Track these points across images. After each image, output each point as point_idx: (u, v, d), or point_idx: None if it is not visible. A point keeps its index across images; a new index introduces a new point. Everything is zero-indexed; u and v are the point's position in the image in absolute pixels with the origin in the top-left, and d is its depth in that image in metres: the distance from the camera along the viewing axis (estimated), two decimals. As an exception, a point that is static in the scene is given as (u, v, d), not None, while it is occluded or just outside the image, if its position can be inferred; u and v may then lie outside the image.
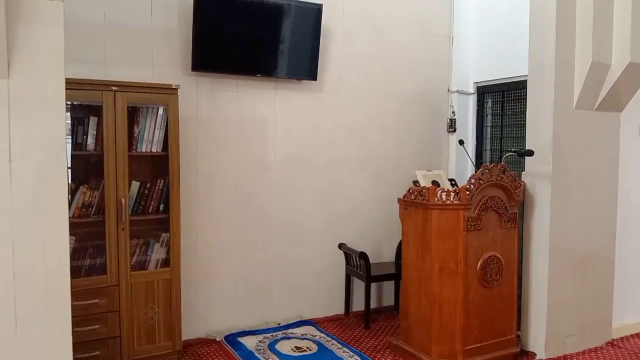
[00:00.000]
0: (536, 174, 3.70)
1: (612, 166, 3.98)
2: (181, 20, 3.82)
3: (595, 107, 3.78)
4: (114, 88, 3.22)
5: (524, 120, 4.04)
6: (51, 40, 1.89)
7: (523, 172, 3.81)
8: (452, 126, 4.93)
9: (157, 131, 3.45)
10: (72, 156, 3.25)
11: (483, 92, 4.92)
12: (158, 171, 3.52)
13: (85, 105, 3.28)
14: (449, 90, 4.98)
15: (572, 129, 3.70)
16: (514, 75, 4.50)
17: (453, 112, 4.94)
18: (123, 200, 3.28)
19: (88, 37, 3.54)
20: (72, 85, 2.83)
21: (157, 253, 3.52)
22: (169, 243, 3.47)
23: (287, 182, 4.35)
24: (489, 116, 4.89)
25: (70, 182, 3.22)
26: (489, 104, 4.90)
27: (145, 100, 3.36)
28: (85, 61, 3.52)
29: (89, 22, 3.54)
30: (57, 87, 1.90)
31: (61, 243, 1.87)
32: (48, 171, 1.90)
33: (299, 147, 4.38)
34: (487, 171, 3.41)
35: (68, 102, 3.05)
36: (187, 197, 3.87)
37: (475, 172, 3.54)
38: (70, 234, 2.17)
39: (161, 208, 3.50)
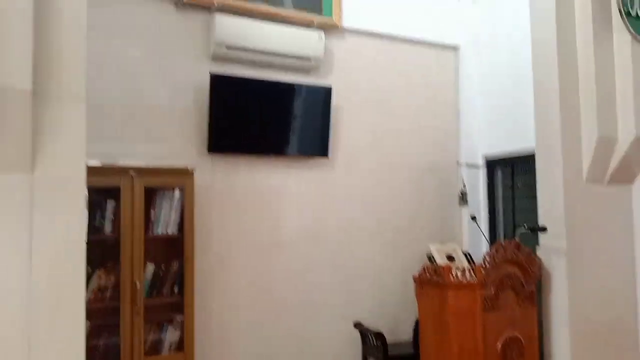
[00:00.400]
0: (551, 249, 3.66)
1: (628, 237, 3.93)
2: (197, 99, 3.98)
3: (606, 180, 3.79)
4: (132, 173, 3.31)
5: (535, 193, 4.05)
6: (74, 139, 1.95)
7: (538, 247, 3.77)
8: (463, 199, 4.95)
9: (172, 213, 3.50)
10: (89, 240, 3.27)
11: (492, 164, 4.96)
12: (173, 253, 3.54)
13: (103, 189, 3.36)
14: (458, 163, 5.04)
15: (584, 202, 3.69)
16: (522, 148, 4.55)
17: (464, 185, 4.97)
18: (138, 283, 3.29)
19: (107, 115, 3.67)
20: (91, 171, 2.90)
21: (171, 336, 3.48)
22: (183, 326, 3.43)
23: (301, 258, 4.34)
24: (500, 188, 4.91)
25: (86, 266, 3.23)
26: (499, 176, 4.93)
27: (162, 183, 3.44)
28: (103, 138, 3.62)
29: (108, 100, 3.69)
30: (78, 183, 1.95)
31: (77, 344, 1.86)
32: (66, 265, 1.93)
33: (313, 223, 4.40)
34: (501, 248, 3.39)
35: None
36: (202, 278, 3.87)
37: (490, 248, 3.52)
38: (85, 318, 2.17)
39: (175, 290, 3.49)
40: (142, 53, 3.86)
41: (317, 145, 4.34)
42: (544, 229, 3.60)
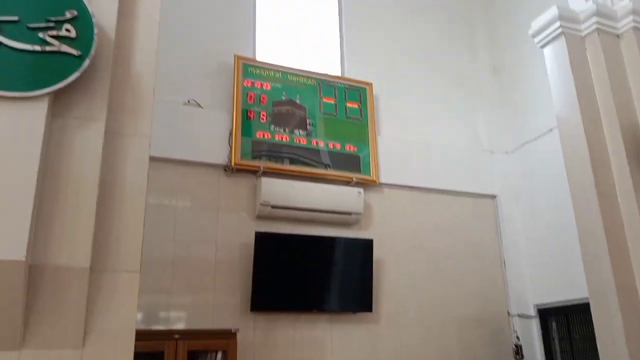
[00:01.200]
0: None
1: None
2: (242, 255, 4.08)
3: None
4: (177, 336, 3.31)
5: (595, 345, 3.76)
6: (126, 311, 2.00)
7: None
8: (518, 352, 4.63)
9: (215, 376, 3.41)
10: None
11: (545, 314, 4.71)
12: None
13: (148, 353, 3.33)
14: (509, 314, 4.82)
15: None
16: (576, 297, 4.33)
17: (517, 337, 4.69)
18: None
19: (154, 267, 3.74)
20: (136, 335, 2.91)
21: None
22: None
23: None
24: (556, 340, 4.59)
25: None
26: (554, 327, 4.64)
27: (205, 346, 3.41)
28: (148, 290, 3.66)
29: (157, 253, 3.80)
30: (126, 355, 1.95)
31: None
32: None
33: (358, 383, 4.16)
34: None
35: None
36: None
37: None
38: None
39: None
40: (192, 211, 4.08)
41: (360, 299, 4.27)
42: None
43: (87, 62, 1.93)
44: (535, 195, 4.92)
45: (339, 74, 5.04)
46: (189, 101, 4.26)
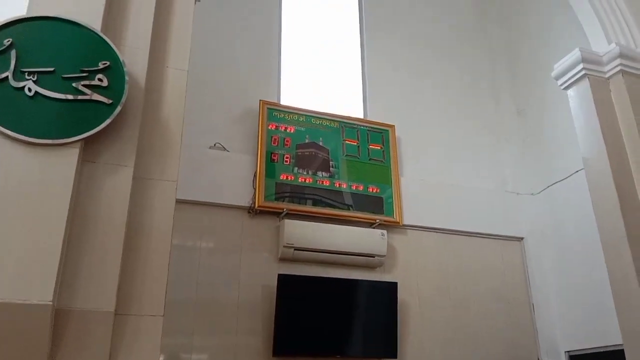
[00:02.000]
0: None
1: None
2: (265, 297, 4.05)
3: None
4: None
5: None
6: (149, 356, 1.97)
7: None
8: (551, 402, 4.44)
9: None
10: None
11: (578, 362, 4.52)
12: None
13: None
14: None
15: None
16: (608, 344, 4.16)
17: (549, 386, 4.50)
18: None
19: (177, 307, 3.70)
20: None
21: None
22: None
23: None
24: (591, 390, 4.39)
25: None
26: (588, 376, 4.45)
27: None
28: (170, 331, 3.61)
29: (180, 292, 3.78)
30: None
31: None
32: None
33: None
34: None
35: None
36: None
37: None
38: None
39: None
40: (216, 252, 4.09)
41: (384, 344, 4.17)
42: None
43: (117, 110, 2.00)
44: (563, 237, 4.80)
45: (361, 116, 5.09)
46: (215, 145, 4.34)
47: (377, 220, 4.52)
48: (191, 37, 2.44)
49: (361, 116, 5.09)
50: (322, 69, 5.23)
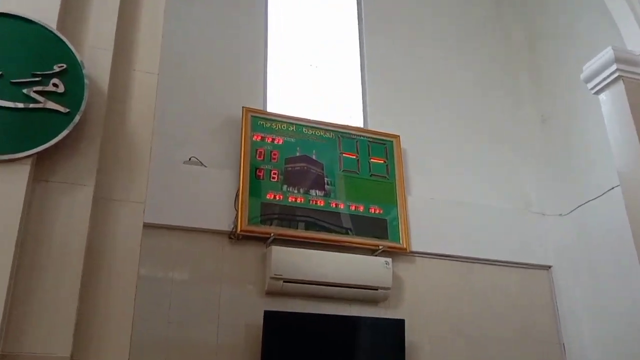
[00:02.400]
0: None
1: None
2: (248, 337, 4.02)
3: None
4: None
5: None
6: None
7: None
8: None
9: None
10: None
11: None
12: None
13: None
14: (572, 412, 4.62)
15: None
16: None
17: None
18: None
19: (147, 352, 3.66)
20: None
21: None
22: None
23: None
24: None
25: None
26: None
27: None
28: None
29: (150, 335, 3.74)
30: None
31: None
32: None
33: None
34: None
35: None
36: None
37: None
38: None
39: None
40: (191, 285, 4.07)
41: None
42: None
43: (75, 120, 2.00)
44: (597, 265, 4.80)
45: (361, 125, 5.13)
46: (190, 159, 4.35)
47: (381, 247, 4.52)
48: (162, 36, 2.46)
49: (361, 125, 5.13)
50: (315, 71, 5.28)
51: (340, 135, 4.86)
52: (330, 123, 4.89)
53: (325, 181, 4.64)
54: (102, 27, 2.30)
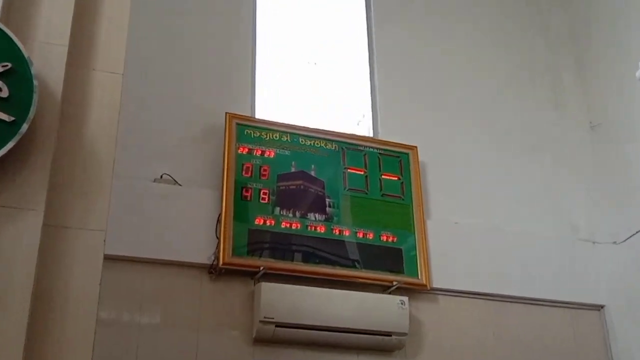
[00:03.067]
0: None
1: None
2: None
3: None
4: None
5: None
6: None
7: None
8: None
9: None
10: None
11: None
12: None
13: None
14: None
15: None
16: None
17: None
18: None
19: None
20: None
21: None
22: None
23: None
24: None
25: None
26: None
27: None
28: None
29: None
30: None
31: None
32: None
33: None
34: None
35: None
36: None
37: None
38: None
39: None
40: (163, 331, 4.05)
41: None
42: None
43: (23, 130, 2.01)
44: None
45: (370, 134, 5.15)
46: (161, 177, 4.36)
47: (395, 283, 4.52)
48: (129, 30, 2.48)
49: (370, 134, 5.16)
50: (313, 70, 5.31)
51: (345, 147, 4.87)
52: (333, 132, 4.91)
53: (327, 203, 4.64)
54: (56, 19, 2.32)
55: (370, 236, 4.65)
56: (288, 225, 4.47)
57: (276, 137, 4.71)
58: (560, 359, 4.87)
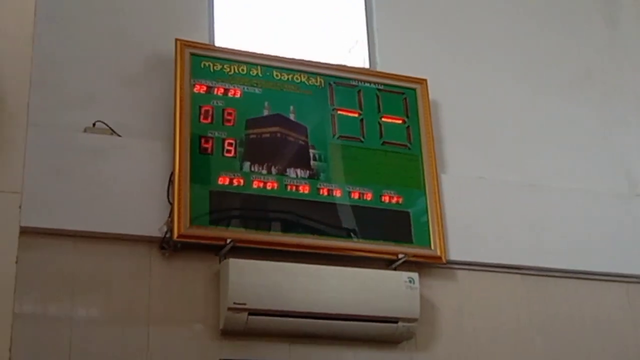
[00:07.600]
0: None
1: None
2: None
3: None
4: None
5: None
6: None
7: None
8: None
9: None
10: None
11: None
12: None
13: None
14: None
15: None
16: None
17: None
18: None
19: None
20: None
21: None
22: None
23: None
24: None
25: None
26: None
27: None
28: None
29: None
30: None
31: None
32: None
33: None
34: None
35: None
36: None
37: None
38: None
39: None
40: (102, 326, 4.07)
41: None
42: None
43: None
44: None
45: (366, 65, 5.13)
46: (94, 125, 4.33)
47: (402, 256, 4.53)
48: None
49: (366, 65, 5.14)
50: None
51: (334, 82, 4.86)
52: (317, 63, 4.89)
53: (311, 155, 4.64)
54: None
55: (369, 197, 4.65)
56: (261, 185, 4.47)
57: (243, 70, 4.68)
58: (614, 344, 4.94)
